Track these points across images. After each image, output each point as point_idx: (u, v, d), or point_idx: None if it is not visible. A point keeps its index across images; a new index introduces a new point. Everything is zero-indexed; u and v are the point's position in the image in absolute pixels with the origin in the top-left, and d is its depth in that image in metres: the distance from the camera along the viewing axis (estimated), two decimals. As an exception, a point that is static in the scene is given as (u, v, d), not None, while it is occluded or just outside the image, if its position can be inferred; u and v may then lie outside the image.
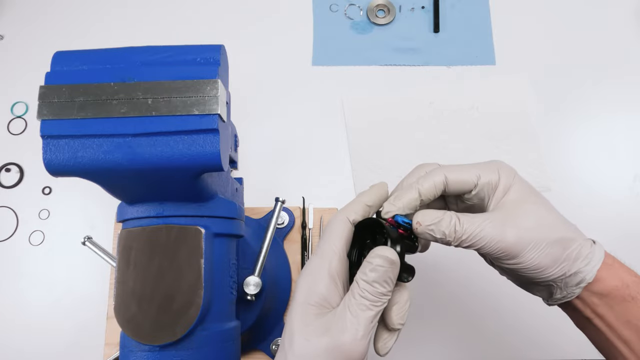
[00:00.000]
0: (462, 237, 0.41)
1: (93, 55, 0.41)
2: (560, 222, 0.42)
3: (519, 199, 0.42)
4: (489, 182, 0.42)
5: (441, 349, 0.67)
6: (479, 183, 0.43)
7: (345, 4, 0.83)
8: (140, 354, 0.43)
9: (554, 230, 0.41)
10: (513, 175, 0.43)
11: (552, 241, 0.40)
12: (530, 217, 0.41)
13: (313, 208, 0.70)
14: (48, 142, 0.38)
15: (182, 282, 0.43)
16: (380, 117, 0.77)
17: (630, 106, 0.76)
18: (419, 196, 0.43)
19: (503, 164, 0.44)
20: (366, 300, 0.37)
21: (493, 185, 0.43)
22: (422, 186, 0.43)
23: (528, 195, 0.43)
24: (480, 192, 0.43)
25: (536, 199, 0.43)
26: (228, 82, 0.43)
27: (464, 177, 0.43)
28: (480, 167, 0.43)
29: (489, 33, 0.81)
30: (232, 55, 0.45)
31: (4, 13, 0.85)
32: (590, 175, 0.74)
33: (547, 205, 0.43)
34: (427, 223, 0.41)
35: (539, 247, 0.40)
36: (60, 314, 0.70)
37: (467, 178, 0.43)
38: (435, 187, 0.43)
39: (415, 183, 0.43)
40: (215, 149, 0.38)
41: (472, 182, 0.43)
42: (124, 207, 0.46)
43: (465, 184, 0.43)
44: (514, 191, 0.42)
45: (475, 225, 0.40)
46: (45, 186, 0.76)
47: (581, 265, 0.40)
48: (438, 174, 0.43)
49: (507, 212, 0.41)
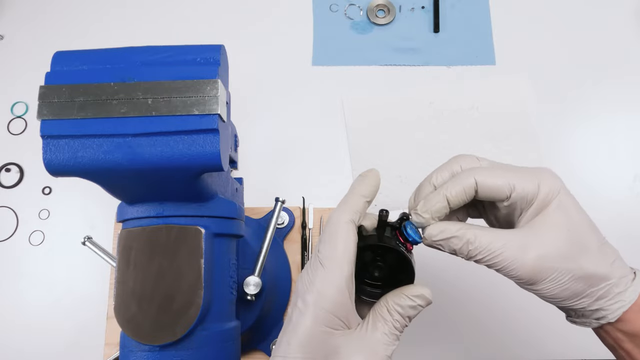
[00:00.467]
0: (477, 256, 0.38)
1: (93, 55, 0.41)
2: (597, 253, 0.38)
3: (555, 220, 0.38)
4: (523, 195, 0.38)
5: (437, 349, 0.67)
6: (512, 195, 0.38)
7: (345, 4, 0.82)
8: (140, 354, 0.43)
9: (586, 263, 0.37)
10: (557, 189, 0.38)
11: (578, 276, 0.37)
12: (560, 244, 0.37)
13: (313, 208, 0.70)
14: (48, 142, 0.38)
15: (182, 282, 0.43)
16: (380, 117, 0.77)
17: (630, 106, 0.76)
18: (447, 204, 0.39)
19: (548, 174, 0.39)
20: (397, 332, 0.38)
21: (528, 200, 0.38)
22: (451, 193, 0.39)
23: (567, 216, 0.38)
24: (513, 204, 0.39)
25: (578, 220, 0.38)
26: (228, 82, 0.43)
27: (496, 184, 0.38)
28: (519, 175, 0.39)
29: (489, 33, 0.81)
30: (232, 55, 0.45)
31: (4, 13, 0.85)
32: (590, 176, 0.74)
33: (588, 230, 0.38)
34: (436, 238, 0.39)
35: (559, 280, 0.37)
36: (60, 314, 0.70)
37: (499, 186, 0.38)
38: (465, 192, 0.39)
39: (444, 188, 0.39)
40: (215, 149, 0.38)
41: (504, 192, 0.38)
42: (124, 207, 0.46)
43: (497, 193, 0.38)
44: (552, 209, 0.38)
45: (493, 245, 0.37)
46: (45, 186, 0.76)
47: (605, 304, 0.37)
48: (468, 177, 0.39)
49: (535, 233, 0.37)
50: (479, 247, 0.37)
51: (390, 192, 0.73)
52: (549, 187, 0.38)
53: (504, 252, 0.37)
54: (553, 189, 0.38)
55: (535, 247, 0.37)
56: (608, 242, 0.39)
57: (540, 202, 0.38)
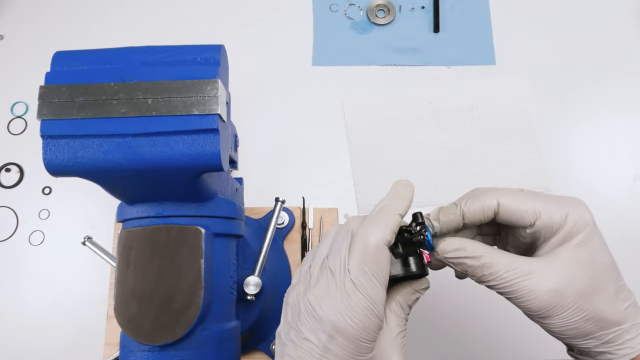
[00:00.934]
0: (490, 282, 0.36)
1: (93, 55, 0.41)
2: (613, 297, 0.36)
3: (578, 255, 0.36)
4: (549, 225, 0.36)
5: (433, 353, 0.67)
6: (536, 223, 0.37)
7: (345, 4, 0.82)
8: (140, 354, 0.43)
9: (601, 305, 0.36)
10: (586, 223, 0.36)
11: (591, 317, 0.36)
12: (579, 282, 0.35)
13: (313, 208, 0.70)
14: (48, 142, 0.38)
15: (182, 282, 0.43)
16: (380, 117, 0.77)
17: (630, 106, 0.76)
18: (461, 219, 0.38)
19: (578, 205, 0.37)
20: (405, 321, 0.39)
21: (553, 229, 0.36)
22: (468, 208, 0.38)
23: (590, 253, 0.36)
24: (536, 232, 0.37)
25: (601, 259, 0.36)
26: (228, 82, 0.43)
27: (521, 208, 0.36)
28: (546, 202, 0.37)
29: (489, 33, 0.81)
30: (232, 55, 0.45)
31: (4, 13, 0.85)
32: (590, 176, 0.74)
33: (609, 271, 0.37)
34: (450, 255, 0.37)
35: (571, 318, 0.36)
36: (60, 314, 0.70)
37: (524, 211, 0.36)
38: (484, 212, 0.37)
39: (462, 202, 0.38)
40: (215, 149, 0.38)
41: (528, 219, 0.37)
42: (124, 207, 0.46)
43: (521, 218, 0.37)
44: (576, 243, 0.36)
45: (511, 273, 0.35)
46: (45, 186, 0.76)
47: (613, 348, 0.36)
48: (491, 197, 0.37)
49: (555, 267, 0.36)
50: (494, 274, 0.36)
51: (390, 192, 0.73)
52: (576, 219, 0.36)
53: (521, 282, 0.35)
54: (581, 222, 0.36)
55: (552, 281, 0.35)
56: (625, 285, 0.38)
57: (565, 233, 0.36)
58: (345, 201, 0.73)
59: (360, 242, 0.35)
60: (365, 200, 0.73)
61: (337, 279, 0.35)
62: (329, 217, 0.70)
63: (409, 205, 0.38)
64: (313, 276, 0.37)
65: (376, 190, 0.73)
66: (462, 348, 0.67)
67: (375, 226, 0.36)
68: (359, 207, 0.73)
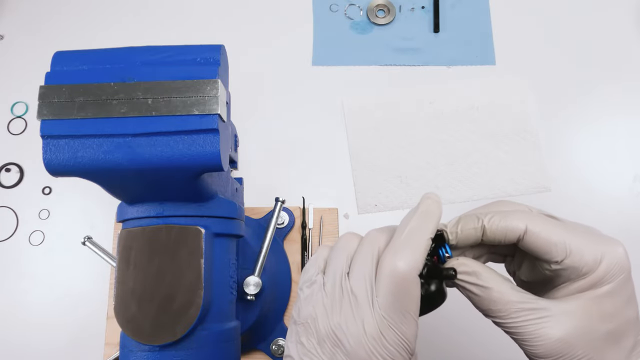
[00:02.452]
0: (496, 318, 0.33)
1: (93, 55, 0.41)
2: (628, 353, 0.33)
3: (603, 307, 0.32)
4: (578, 266, 0.32)
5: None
6: (564, 261, 0.32)
7: (345, 4, 0.83)
8: (140, 354, 0.43)
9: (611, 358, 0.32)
10: (621, 271, 0.32)
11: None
12: (595, 335, 0.32)
13: (313, 208, 0.70)
14: (48, 142, 0.38)
15: (182, 282, 0.43)
16: (380, 117, 0.77)
17: (630, 106, 0.76)
18: (480, 235, 0.34)
19: (617, 249, 0.32)
20: None
21: (581, 272, 0.32)
22: (491, 226, 0.34)
23: (616, 307, 0.32)
24: (561, 270, 0.33)
25: (626, 315, 0.33)
26: (228, 82, 0.43)
27: (550, 241, 0.32)
28: (582, 240, 0.32)
29: (489, 33, 0.81)
30: (232, 55, 0.45)
31: (4, 13, 0.85)
32: (590, 176, 0.74)
33: (631, 327, 0.33)
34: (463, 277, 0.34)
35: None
36: (60, 313, 0.70)
37: (552, 246, 0.32)
38: (506, 235, 0.33)
39: (487, 217, 0.34)
40: (215, 149, 0.38)
41: (556, 255, 0.32)
42: (124, 207, 0.46)
43: (547, 252, 0.33)
44: (605, 293, 0.32)
45: (522, 315, 0.32)
46: (45, 186, 0.76)
47: None
48: (519, 220, 0.33)
49: (574, 314, 0.32)
50: (503, 311, 0.33)
51: (390, 193, 0.73)
52: (611, 266, 0.32)
53: (531, 326, 0.32)
54: (615, 270, 0.32)
55: (567, 330, 0.32)
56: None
57: (594, 279, 0.32)
58: (345, 201, 0.73)
59: (388, 270, 0.32)
60: (365, 200, 0.73)
61: (363, 309, 0.32)
62: (329, 217, 0.70)
63: (437, 224, 0.34)
64: (331, 296, 0.33)
65: (376, 190, 0.73)
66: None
67: (405, 252, 0.32)
68: (359, 207, 0.73)
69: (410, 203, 0.72)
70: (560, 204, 0.72)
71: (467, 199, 0.72)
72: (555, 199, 0.72)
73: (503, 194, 0.72)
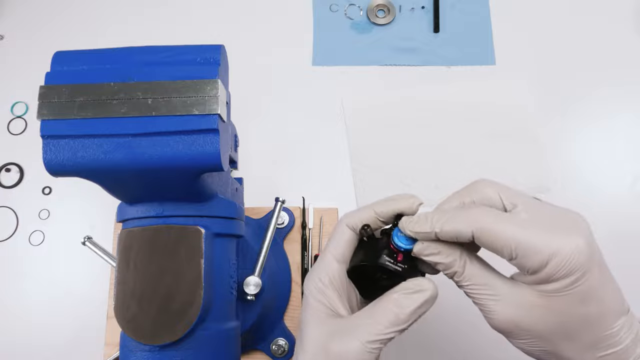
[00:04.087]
0: (463, 288, 0.36)
1: (93, 55, 0.41)
2: (586, 348, 0.33)
3: (551, 302, 0.33)
4: (523, 267, 0.34)
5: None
6: (514, 261, 0.34)
7: (345, 4, 0.83)
8: (140, 354, 0.43)
9: (565, 351, 0.34)
10: (572, 268, 0.32)
11: (550, 353, 0.34)
12: (541, 326, 0.33)
13: (313, 208, 0.70)
14: (48, 142, 0.38)
15: (182, 282, 0.43)
16: (380, 117, 0.77)
17: (630, 106, 0.76)
18: (434, 237, 0.36)
19: (574, 243, 0.32)
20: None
21: (528, 271, 0.34)
22: (442, 229, 0.35)
23: (566, 303, 0.33)
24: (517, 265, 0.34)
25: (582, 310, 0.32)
26: (228, 82, 0.43)
27: (497, 240, 0.33)
28: (532, 238, 0.33)
29: (489, 33, 0.81)
30: (232, 55, 0.45)
31: (4, 13, 0.85)
32: (590, 175, 0.74)
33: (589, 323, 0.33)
34: (424, 256, 0.37)
35: (527, 347, 0.35)
36: (60, 314, 0.70)
37: (499, 246, 0.33)
38: (457, 237, 0.35)
39: (438, 222, 0.36)
40: (215, 149, 0.38)
41: (504, 254, 0.34)
42: (124, 207, 0.46)
43: (496, 251, 0.34)
44: (551, 289, 0.33)
45: (479, 289, 0.35)
46: (45, 186, 0.76)
47: None
48: (468, 224, 0.34)
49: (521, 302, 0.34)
50: (465, 282, 0.36)
51: (389, 193, 0.73)
52: (559, 267, 0.32)
53: (486, 300, 0.35)
54: (564, 271, 0.32)
55: (513, 314, 0.34)
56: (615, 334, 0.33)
57: (540, 278, 0.33)
58: (345, 201, 0.73)
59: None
60: (365, 200, 0.73)
61: None
62: (329, 217, 0.70)
63: (393, 210, 0.41)
64: None
65: (376, 190, 0.73)
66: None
67: (350, 213, 0.42)
68: (358, 207, 0.72)
69: (410, 203, 0.72)
70: (560, 204, 0.72)
71: (467, 199, 0.72)
72: (555, 199, 0.72)
73: (503, 194, 0.72)
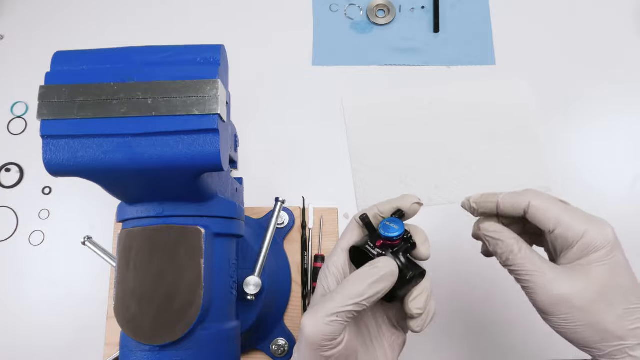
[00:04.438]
0: (512, 266, 0.41)
1: (93, 55, 0.41)
2: (621, 315, 0.38)
3: (592, 273, 0.39)
4: (565, 236, 0.40)
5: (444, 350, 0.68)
6: (555, 231, 0.40)
7: (345, 4, 0.83)
8: (140, 354, 0.43)
9: (605, 320, 0.38)
10: (605, 242, 0.39)
11: (593, 327, 0.38)
12: (586, 296, 0.38)
13: (313, 208, 0.70)
14: (48, 142, 0.38)
15: (182, 282, 0.43)
16: (380, 116, 0.77)
17: (630, 105, 0.76)
18: (495, 207, 0.43)
19: (602, 225, 0.40)
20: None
21: (568, 242, 0.40)
22: (504, 200, 0.42)
23: (603, 274, 0.38)
24: (555, 241, 0.41)
25: (614, 282, 0.38)
26: (228, 82, 0.43)
27: (545, 214, 0.40)
28: (571, 216, 0.40)
29: (489, 33, 0.81)
30: (232, 55, 0.45)
31: (4, 13, 0.85)
32: (590, 176, 0.74)
33: (620, 293, 0.38)
34: (488, 234, 0.43)
35: (573, 322, 0.38)
36: (60, 314, 0.70)
37: (547, 217, 0.40)
38: (514, 207, 0.42)
39: (500, 195, 0.43)
40: (215, 149, 0.38)
41: (548, 225, 0.40)
42: (124, 207, 0.46)
43: (542, 222, 0.41)
44: (593, 261, 0.39)
45: (529, 266, 0.40)
46: (45, 186, 0.76)
47: None
48: (525, 196, 0.41)
49: (569, 277, 0.39)
50: (516, 261, 0.40)
51: (389, 192, 0.73)
52: (595, 238, 0.39)
53: (535, 277, 0.39)
54: (599, 241, 0.39)
55: (562, 288, 0.39)
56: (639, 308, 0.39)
57: (581, 248, 0.39)
58: (345, 201, 0.73)
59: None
60: (365, 200, 0.73)
61: None
62: (329, 217, 0.70)
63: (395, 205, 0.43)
64: None
65: (376, 190, 0.73)
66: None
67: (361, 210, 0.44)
68: (359, 207, 0.73)
69: (410, 203, 0.72)
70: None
71: (467, 199, 0.72)
72: (555, 199, 0.72)
73: (503, 194, 0.72)
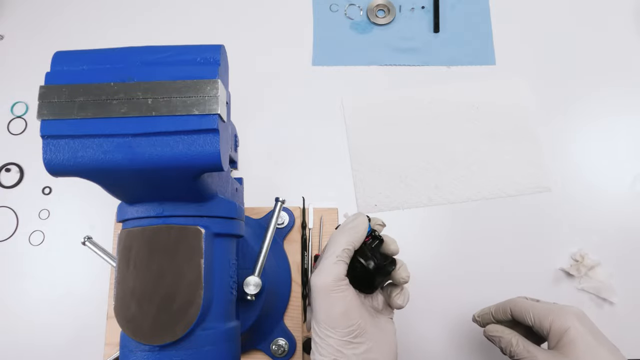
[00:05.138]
0: (514, 357, 0.51)
1: (93, 55, 0.40)
2: None
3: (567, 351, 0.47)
4: (539, 328, 0.50)
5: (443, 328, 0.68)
6: (534, 327, 0.51)
7: (345, 4, 0.83)
8: (140, 354, 0.43)
9: None
10: (565, 329, 0.48)
11: None
12: None
13: (313, 208, 0.70)
14: (48, 142, 0.38)
15: (182, 282, 0.43)
16: (380, 116, 0.77)
17: (630, 106, 0.76)
18: (491, 317, 0.56)
19: (564, 314, 0.49)
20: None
21: (544, 332, 0.50)
22: (492, 310, 0.56)
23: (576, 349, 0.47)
24: (539, 332, 0.51)
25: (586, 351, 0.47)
26: (228, 82, 0.43)
27: (522, 313, 0.52)
28: (541, 312, 0.51)
29: (489, 33, 0.81)
30: (232, 55, 0.45)
31: (4, 13, 0.85)
32: (590, 175, 0.74)
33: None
34: (490, 333, 0.54)
35: None
36: (60, 314, 0.70)
37: (524, 316, 0.52)
38: (502, 312, 0.55)
39: (492, 308, 0.56)
40: (215, 149, 0.38)
41: (527, 322, 0.52)
42: (124, 207, 0.46)
43: (523, 320, 0.52)
44: (559, 345, 0.48)
45: (526, 354, 0.50)
46: (45, 186, 0.76)
47: None
48: (507, 304, 0.54)
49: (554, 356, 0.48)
50: (514, 349, 0.51)
51: (389, 192, 0.73)
52: (560, 326, 0.49)
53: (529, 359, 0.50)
54: (561, 330, 0.49)
55: None
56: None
57: (553, 337, 0.49)
58: (345, 201, 0.73)
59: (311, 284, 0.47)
60: (365, 200, 0.73)
61: None
62: (329, 217, 0.70)
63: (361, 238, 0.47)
64: None
65: (376, 190, 0.73)
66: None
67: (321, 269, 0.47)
68: (359, 207, 0.73)
69: (410, 203, 0.72)
70: (560, 204, 0.72)
71: (467, 199, 0.72)
72: (555, 199, 0.72)
73: (503, 194, 0.72)
